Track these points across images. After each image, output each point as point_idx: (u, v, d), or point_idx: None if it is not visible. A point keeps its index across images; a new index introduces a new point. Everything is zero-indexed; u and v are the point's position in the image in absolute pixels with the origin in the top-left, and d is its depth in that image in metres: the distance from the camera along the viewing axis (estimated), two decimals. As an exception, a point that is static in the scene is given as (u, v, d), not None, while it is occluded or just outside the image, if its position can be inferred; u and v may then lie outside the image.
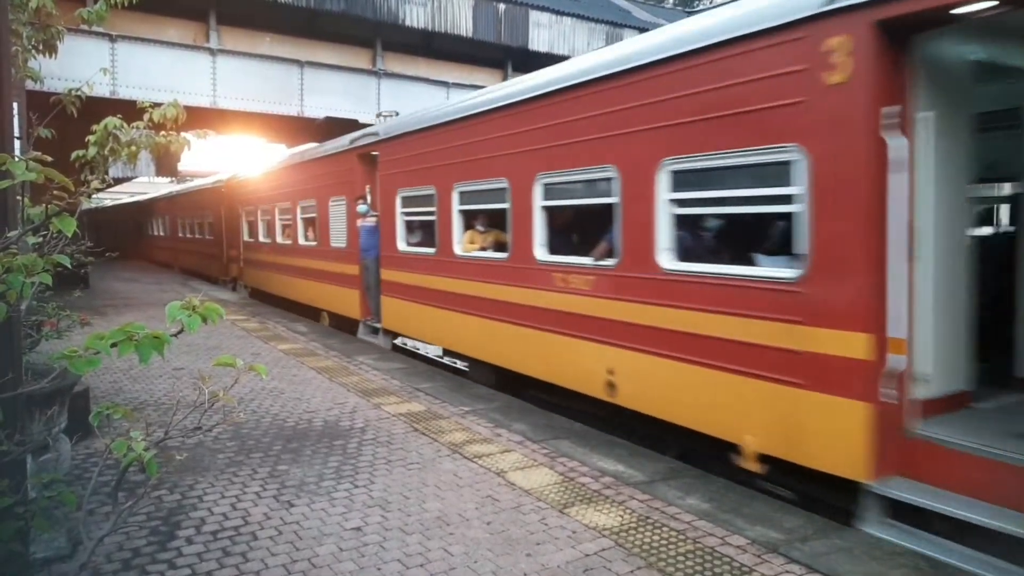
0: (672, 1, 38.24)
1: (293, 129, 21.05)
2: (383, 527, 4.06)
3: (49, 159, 2.38)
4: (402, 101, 17.88)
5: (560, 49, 21.51)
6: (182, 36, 17.66)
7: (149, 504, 4.25)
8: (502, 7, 20.82)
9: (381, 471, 4.99)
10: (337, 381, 7.89)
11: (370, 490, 4.63)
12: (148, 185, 44.56)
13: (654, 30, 6.23)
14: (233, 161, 26.09)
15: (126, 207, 41.12)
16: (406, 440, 5.72)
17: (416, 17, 19.55)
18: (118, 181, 27.44)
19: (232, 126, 21.09)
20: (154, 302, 15.21)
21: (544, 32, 21.66)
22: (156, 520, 4.11)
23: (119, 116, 4.44)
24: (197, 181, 27.90)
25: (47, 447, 3.83)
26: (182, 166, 31.62)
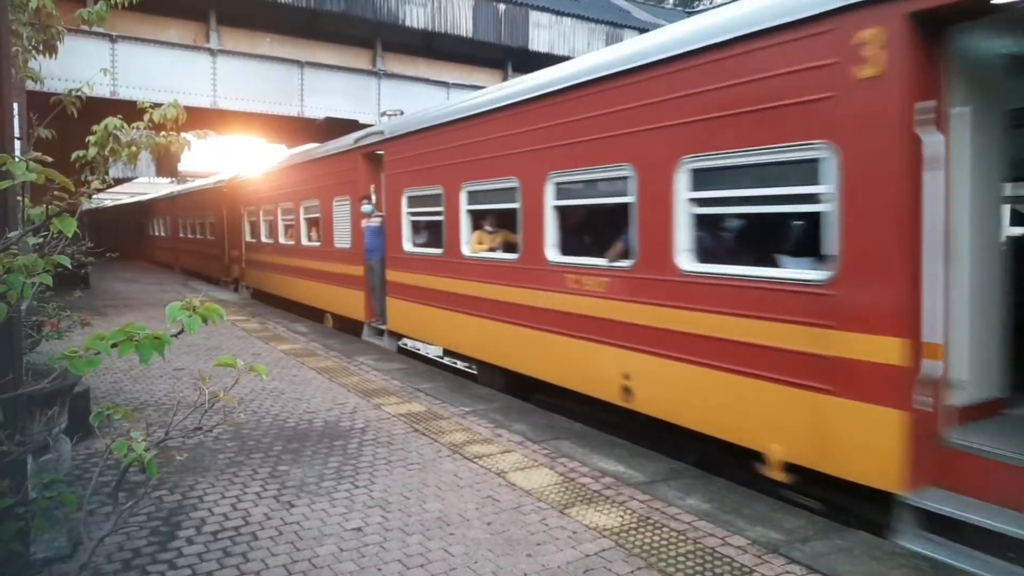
0: (672, 1, 38.26)
1: (293, 129, 21.07)
2: (383, 527, 4.06)
3: (49, 159, 2.39)
4: (402, 101, 17.85)
5: (560, 49, 21.52)
6: (182, 36, 17.67)
7: (149, 504, 4.25)
8: (502, 7, 20.82)
9: (381, 471, 4.99)
10: (337, 381, 7.88)
11: (370, 490, 4.63)
12: (148, 185, 44.63)
13: (674, 23, 6.01)
14: (233, 161, 26.16)
15: (126, 207, 41.16)
16: (406, 440, 5.72)
17: (416, 17, 19.56)
18: (118, 181, 27.52)
19: (232, 126, 21.11)
20: (154, 302, 15.21)
21: (544, 32, 21.66)
22: (156, 520, 4.11)
23: (119, 116, 4.45)
24: (198, 181, 27.92)
25: (47, 447, 3.83)
26: (182, 166, 31.69)
